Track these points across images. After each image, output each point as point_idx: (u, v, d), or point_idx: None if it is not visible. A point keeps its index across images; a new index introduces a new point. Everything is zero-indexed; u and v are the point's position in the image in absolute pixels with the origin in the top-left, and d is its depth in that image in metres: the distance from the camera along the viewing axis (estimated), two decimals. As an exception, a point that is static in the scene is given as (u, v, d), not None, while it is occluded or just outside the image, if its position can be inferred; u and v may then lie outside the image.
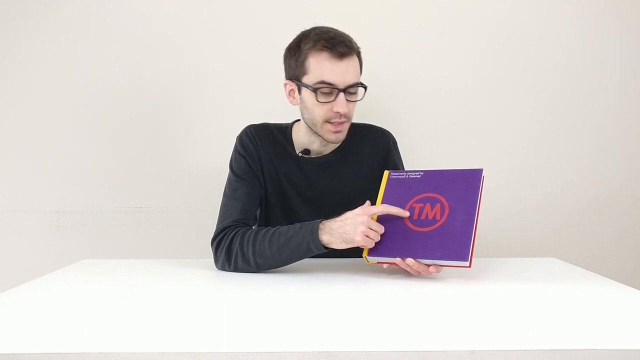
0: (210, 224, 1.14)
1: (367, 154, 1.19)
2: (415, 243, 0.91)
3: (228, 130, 1.35)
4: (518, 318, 0.72)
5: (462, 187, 0.94)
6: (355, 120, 1.25)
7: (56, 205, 1.57)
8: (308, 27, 1.10)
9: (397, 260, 0.91)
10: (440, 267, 0.91)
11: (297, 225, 0.99)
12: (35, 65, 1.55)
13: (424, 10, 1.57)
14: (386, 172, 1.04)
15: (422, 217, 0.93)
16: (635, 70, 1.60)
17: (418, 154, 1.52)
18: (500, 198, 1.59)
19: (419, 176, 0.99)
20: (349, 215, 0.94)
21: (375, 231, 0.93)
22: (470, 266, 0.88)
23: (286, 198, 1.17)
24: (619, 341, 0.62)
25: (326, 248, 0.96)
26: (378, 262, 0.96)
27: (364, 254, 0.95)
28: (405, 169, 1.20)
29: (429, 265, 0.91)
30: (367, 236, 0.92)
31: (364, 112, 1.30)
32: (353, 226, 0.92)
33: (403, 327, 0.68)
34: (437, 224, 0.92)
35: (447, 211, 0.93)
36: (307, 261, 1.09)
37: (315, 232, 0.94)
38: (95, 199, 1.57)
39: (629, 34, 1.59)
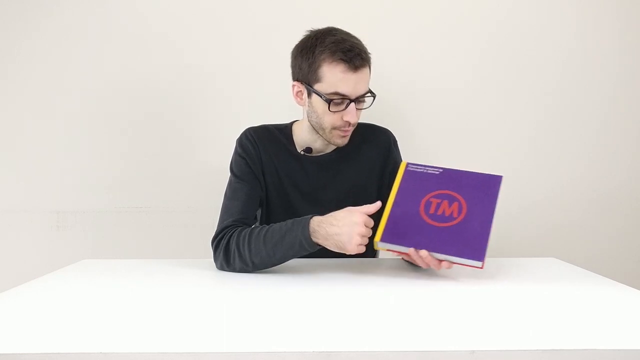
0: (210, 224, 1.14)
1: (368, 152, 1.20)
2: (431, 236, 0.91)
3: (228, 130, 1.35)
4: (518, 318, 0.72)
5: (481, 190, 0.96)
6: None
7: (56, 205, 1.57)
8: (310, 27, 1.10)
9: (411, 250, 0.90)
10: (452, 263, 0.91)
11: (289, 221, 0.98)
12: (35, 65, 1.55)
13: (424, 10, 1.57)
14: (404, 163, 1.02)
15: (439, 212, 0.94)
16: (635, 70, 1.60)
17: (418, 154, 1.52)
18: (500, 198, 1.58)
19: (437, 172, 0.99)
20: (347, 222, 0.91)
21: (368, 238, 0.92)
22: (482, 267, 0.88)
23: (287, 197, 1.17)
24: (619, 341, 0.62)
25: (319, 245, 0.95)
26: (387, 250, 0.94)
27: (376, 238, 0.93)
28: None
29: (440, 261, 0.90)
30: (359, 244, 0.91)
31: (366, 111, 1.31)
32: (349, 237, 0.90)
33: (403, 327, 0.68)
34: (454, 221, 0.92)
35: (464, 210, 0.93)
36: (306, 261, 1.09)
37: (306, 230, 0.93)
38: (95, 199, 1.57)
39: (629, 34, 1.59)
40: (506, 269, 1.04)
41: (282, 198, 1.17)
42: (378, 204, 0.94)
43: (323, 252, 1.06)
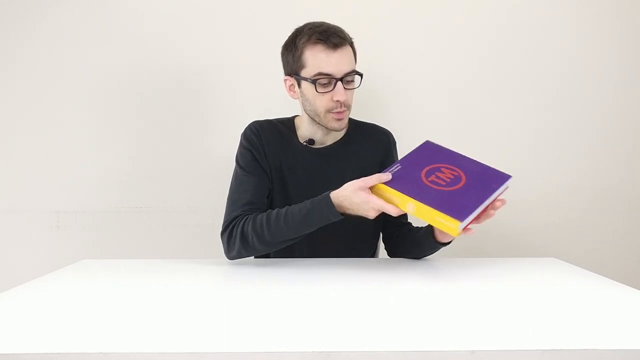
0: (210, 224, 1.15)
1: (368, 148, 1.21)
2: (469, 193, 0.93)
3: (228, 130, 1.35)
4: (518, 318, 0.72)
5: (485, 177, 0.98)
6: (357, 118, 1.26)
7: (56, 205, 1.57)
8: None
9: (485, 204, 0.92)
10: (501, 201, 0.95)
11: (308, 202, 1.01)
12: (35, 65, 1.55)
13: (425, 11, 1.57)
14: (380, 184, 0.97)
15: (448, 181, 0.95)
16: (635, 70, 1.60)
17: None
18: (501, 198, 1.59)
19: (398, 167, 0.99)
20: (357, 201, 0.95)
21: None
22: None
23: (289, 189, 1.17)
24: (619, 341, 0.62)
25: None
26: (468, 226, 0.92)
27: (454, 224, 0.87)
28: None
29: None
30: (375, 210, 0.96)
31: (367, 110, 1.31)
32: (365, 211, 0.95)
33: (403, 327, 0.68)
34: (462, 180, 0.95)
35: (456, 168, 0.98)
36: (306, 261, 1.09)
37: (332, 208, 0.97)
38: (95, 199, 1.57)
39: (629, 35, 1.59)
40: (506, 269, 1.04)
41: (282, 190, 1.18)
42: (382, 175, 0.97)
43: (323, 252, 1.06)
